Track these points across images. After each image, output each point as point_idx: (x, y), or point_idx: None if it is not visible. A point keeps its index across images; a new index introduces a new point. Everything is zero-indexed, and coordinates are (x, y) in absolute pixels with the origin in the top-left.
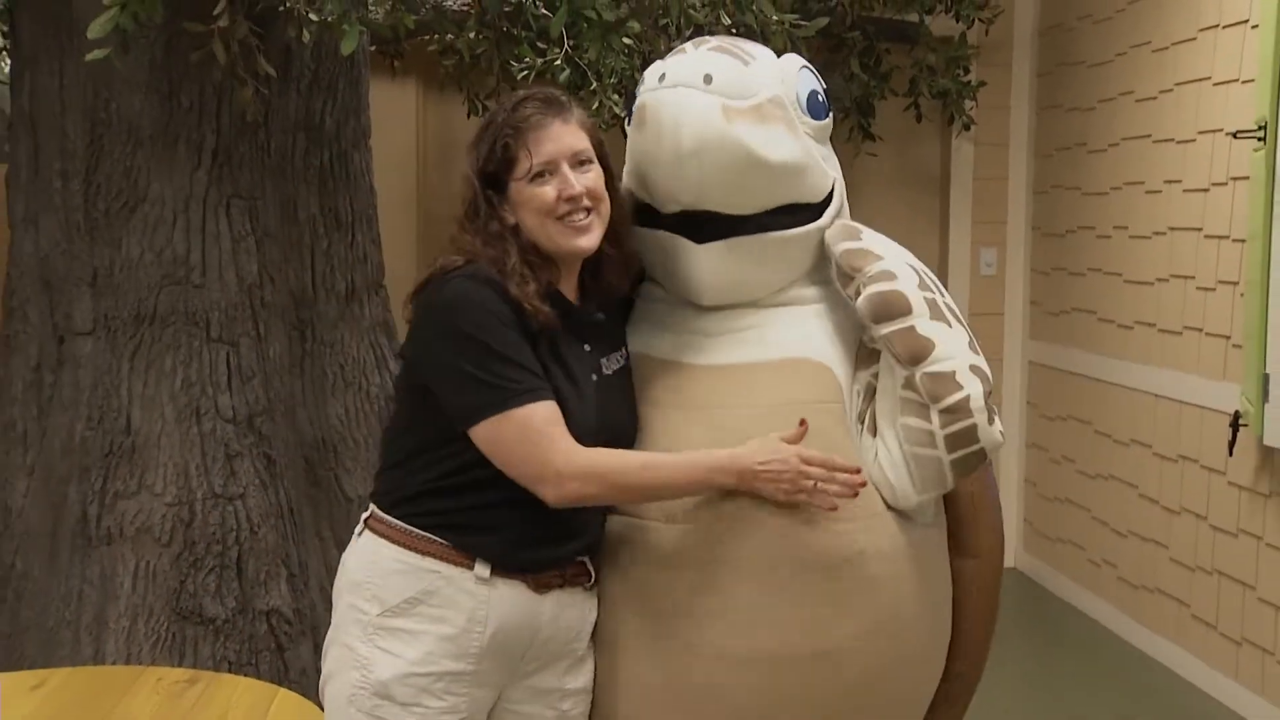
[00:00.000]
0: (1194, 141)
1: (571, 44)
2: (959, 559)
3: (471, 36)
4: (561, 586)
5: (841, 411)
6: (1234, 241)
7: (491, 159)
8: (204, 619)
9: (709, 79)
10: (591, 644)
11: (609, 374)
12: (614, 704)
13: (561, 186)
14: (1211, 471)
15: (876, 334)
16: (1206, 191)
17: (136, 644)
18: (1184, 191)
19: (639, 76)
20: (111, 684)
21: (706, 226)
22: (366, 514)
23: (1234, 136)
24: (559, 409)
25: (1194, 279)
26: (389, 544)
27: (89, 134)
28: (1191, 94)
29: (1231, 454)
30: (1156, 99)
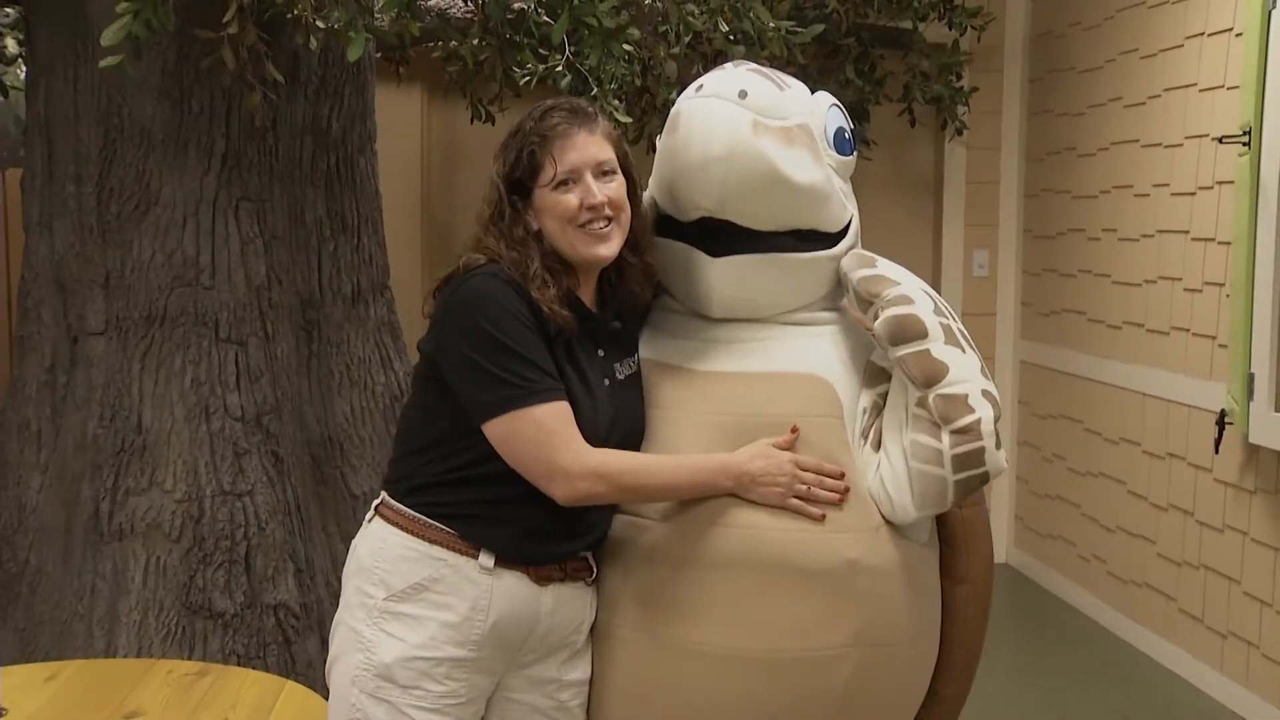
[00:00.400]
0: (1181, 146)
1: (573, 50)
2: (951, 584)
3: (475, 43)
4: (562, 580)
5: (840, 426)
6: (1220, 244)
7: (518, 165)
8: (213, 613)
9: (744, 94)
10: (590, 637)
11: (621, 379)
12: (606, 698)
13: (584, 195)
14: (1198, 469)
15: (892, 355)
16: (1193, 195)
17: (147, 637)
18: (1171, 195)
19: (639, 82)
20: (123, 676)
21: (723, 240)
22: (378, 501)
23: (1220, 141)
24: (572, 410)
25: (1181, 280)
26: (398, 531)
27: (102, 139)
28: (1179, 100)
29: (1218, 451)
30: (1145, 104)
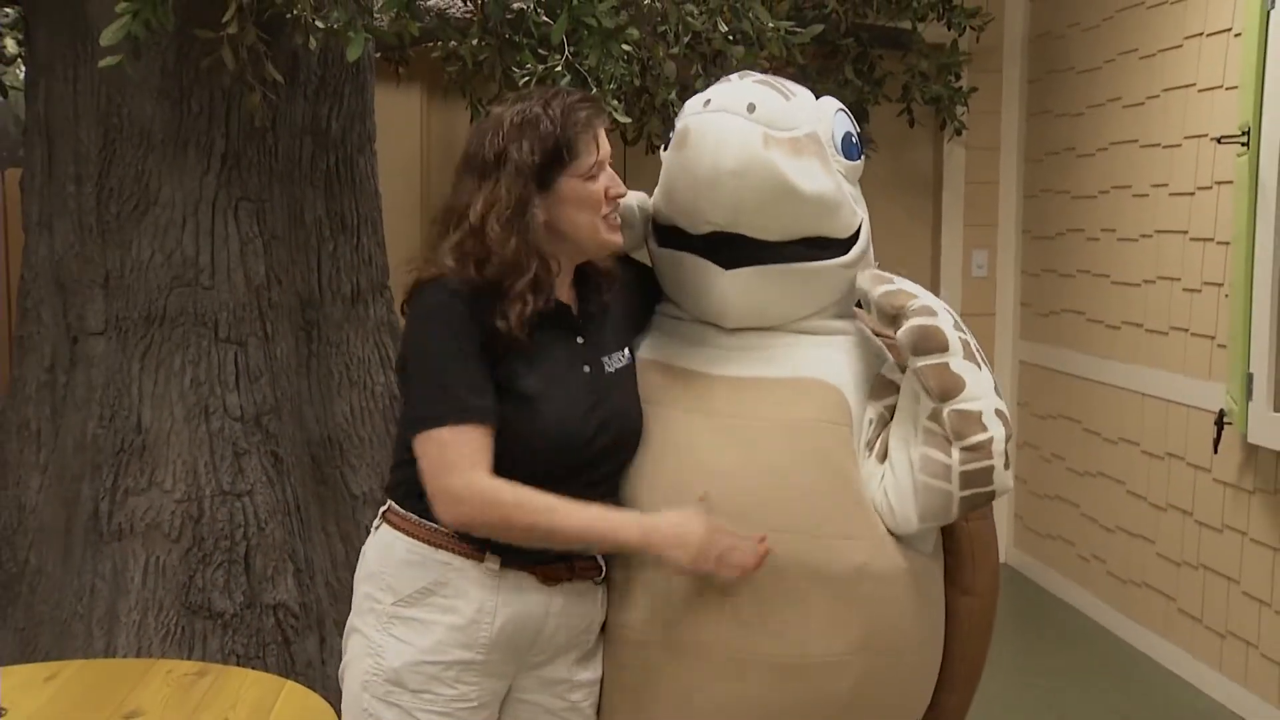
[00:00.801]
0: (1180, 146)
1: (572, 51)
2: (957, 595)
3: (474, 43)
4: (570, 580)
5: (848, 434)
6: (1219, 244)
7: (546, 153)
8: (213, 613)
9: (752, 108)
10: (601, 637)
11: (611, 371)
12: (613, 699)
13: (610, 184)
14: (1197, 469)
15: (913, 365)
16: (1192, 195)
17: (147, 637)
18: (1170, 195)
19: (638, 82)
20: (123, 676)
21: (734, 251)
22: (385, 507)
23: (1218, 141)
24: (488, 436)
25: (1180, 281)
26: (403, 536)
27: (102, 139)
28: (1178, 100)
29: (1216, 451)
30: (1144, 105)
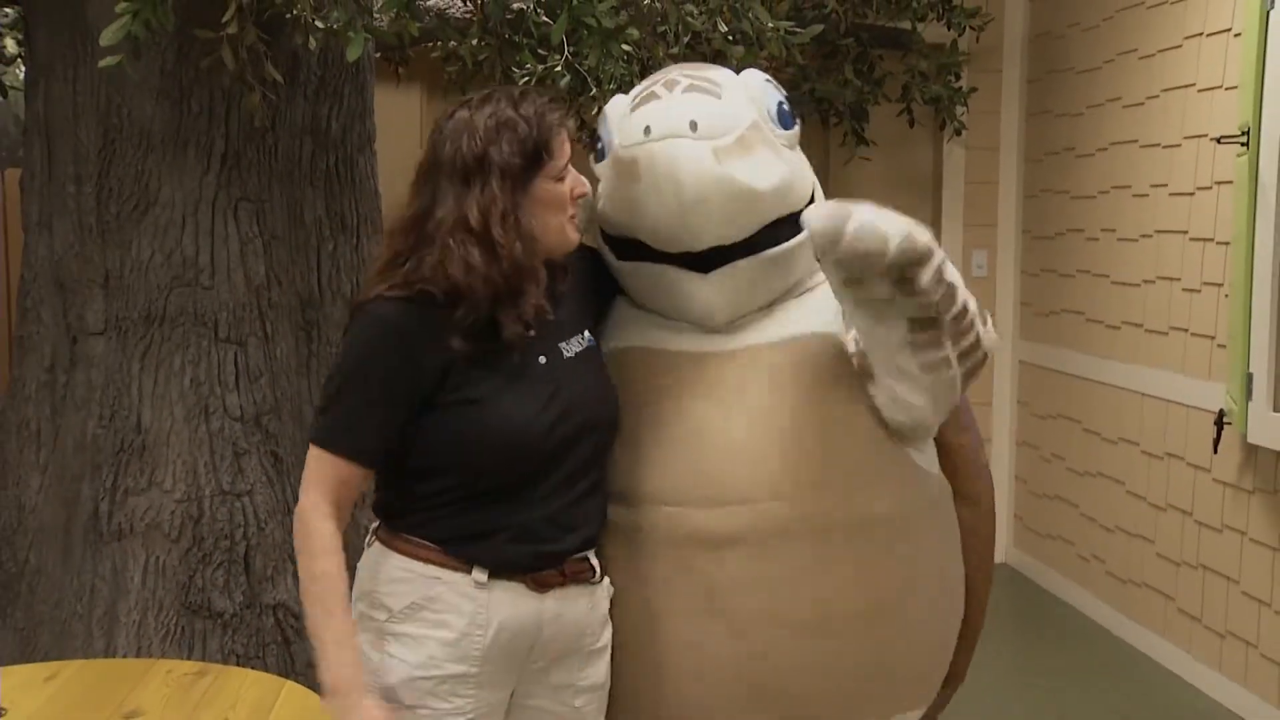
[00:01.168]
0: (1179, 146)
1: (572, 51)
2: (959, 507)
3: (474, 43)
4: (563, 585)
5: (849, 376)
6: (1218, 244)
7: (526, 155)
8: (212, 613)
9: (694, 125)
10: (607, 639)
11: (570, 356)
12: (661, 675)
13: (575, 185)
14: (1197, 469)
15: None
16: (1192, 195)
17: (147, 637)
18: (1170, 195)
19: (637, 83)
20: (122, 676)
21: (707, 255)
22: (374, 525)
23: (1218, 142)
24: (350, 471)
25: (1180, 281)
26: (392, 552)
27: (101, 139)
28: (1177, 100)
29: (1216, 451)
30: (1143, 105)
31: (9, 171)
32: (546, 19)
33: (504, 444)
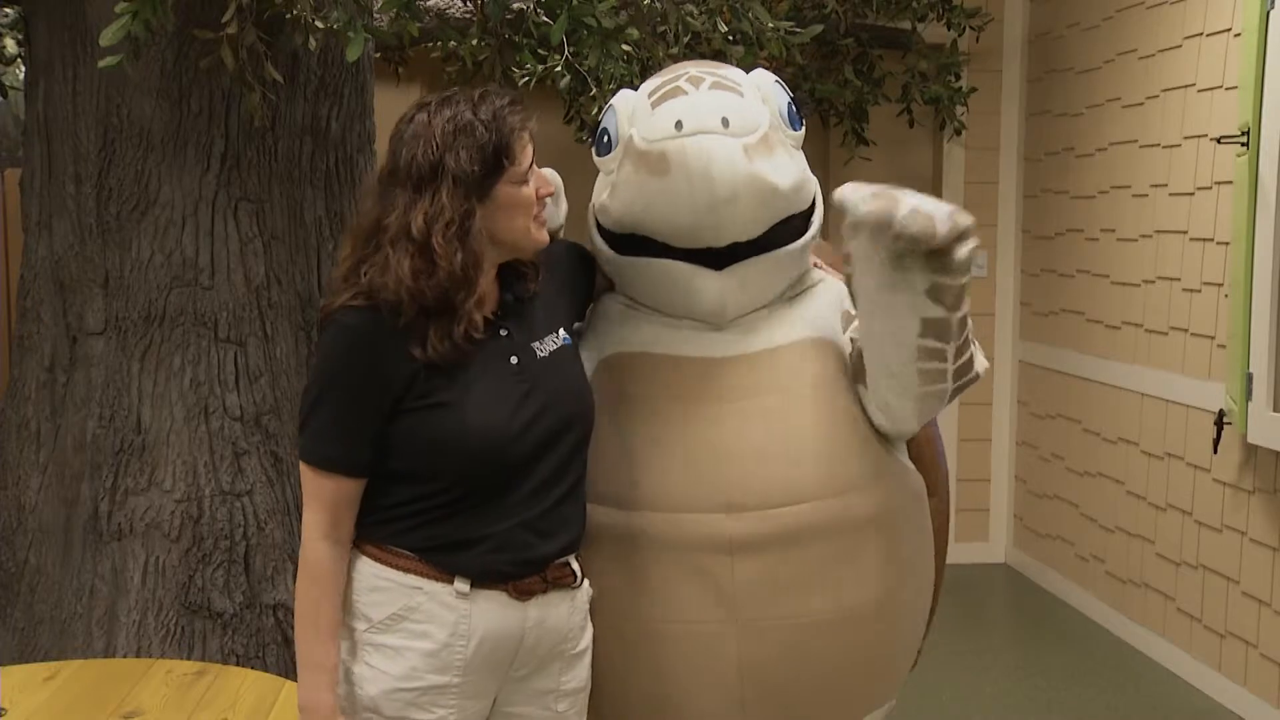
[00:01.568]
0: (1179, 147)
1: (571, 51)
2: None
3: (474, 43)
4: (545, 591)
5: (850, 381)
6: (1218, 244)
7: (485, 162)
8: (212, 613)
9: (726, 122)
10: (587, 642)
11: (544, 356)
12: (666, 679)
13: (540, 185)
14: (1196, 469)
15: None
16: (1191, 195)
17: (146, 637)
18: (1170, 195)
19: (637, 83)
20: (122, 676)
21: (720, 253)
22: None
23: (1218, 142)
24: (340, 484)
25: (1180, 281)
26: (372, 562)
27: (101, 139)
28: (1177, 100)
29: (1216, 451)
30: (1143, 105)
31: (9, 171)
32: (546, 19)
33: (476, 448)
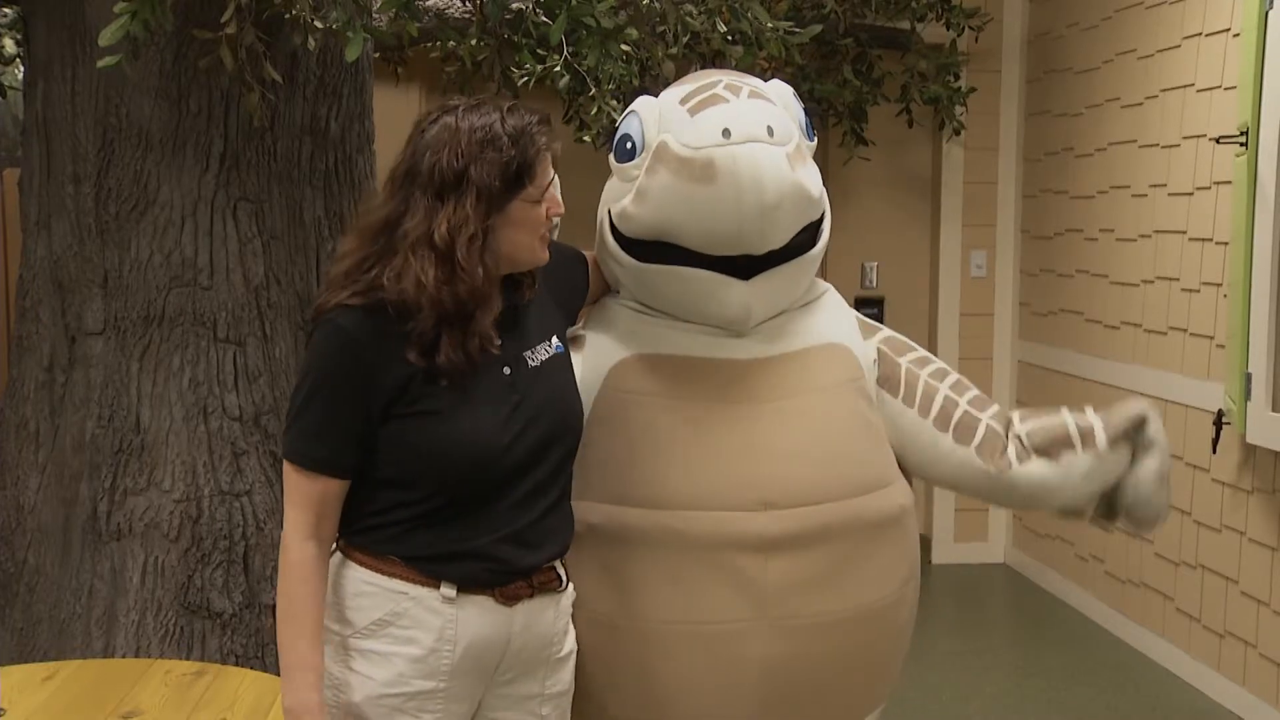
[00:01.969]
0: (1178, 147)
1: (571, 51)
2: None
3: (473, 44)
4: (531, 596)
5: (865, 385)
6: (1217, 244)
7: (508, 178)
8: (211, 613)
9: (771, 131)
10: (571, 645)
11: (535, 365)
12: (689, 678)
13: (551, 205)
14: (1196, 469)
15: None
16: (1190, 195)
17: (145, 637)
18: (1169, 195)
19: (636, 83)
20: (121, 676)
21: (745, 261)
22: (338, 536)
23: (1217, 142)
24: (324, 485)
25: (1178, 281)
26: (358, 567)
27: (100, 139)
28: (1176, 100)
29: (1215, 451)
30: (1142, 105)
31: (8, 172)
32: (545, 19)
33: (464, 457)
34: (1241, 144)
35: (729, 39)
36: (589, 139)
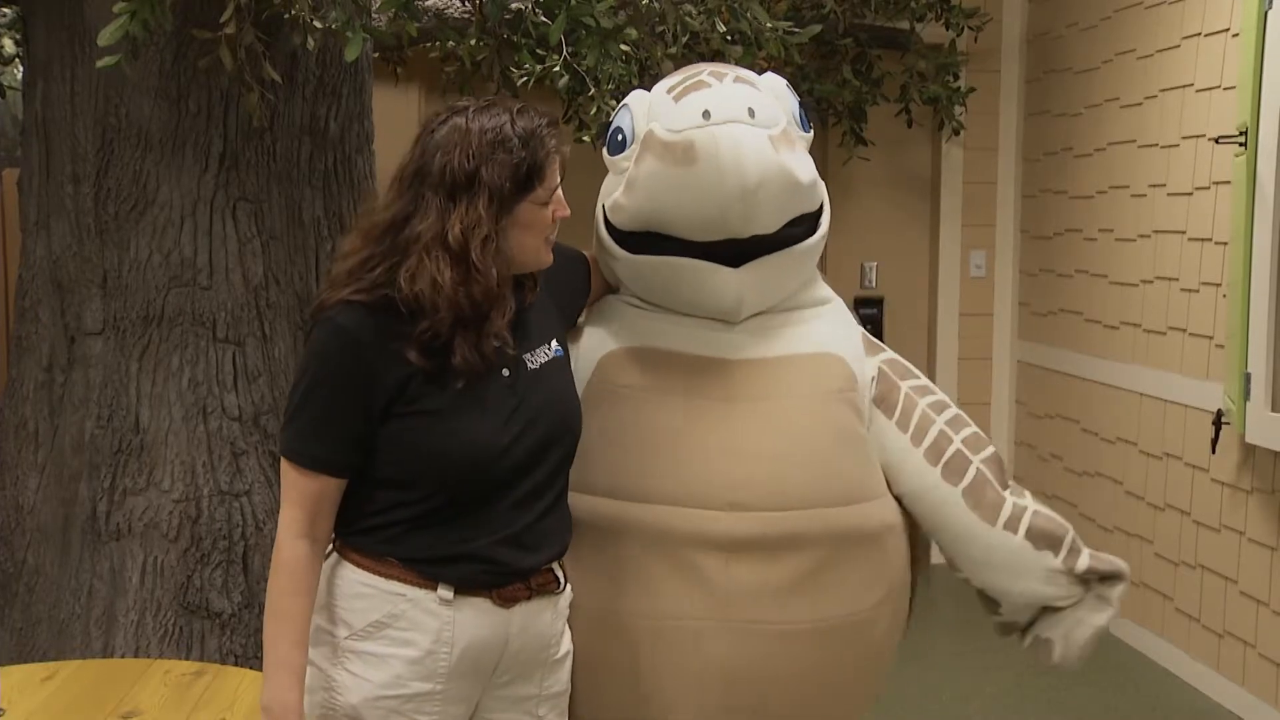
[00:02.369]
0: (1177, 147)
1: (570, 51)
2: None
3: (472, 44)
4: (529, 598)
5: (856, 399)
6: (1216, 244)
7: (518, 180)
8: (210, 613)
9: (753, 112)
10: (568, 646)
11: (534, 368)
12: (648, 678)
13: (557, 208)
14: (1195, 468)
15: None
16: (1190, 195)
17: (145, 637)
18: (1168, 195)
19: (636, 82)
20: (121, 676)
21: (738, 248)
22: (335, 537)
23: (1216, 142)
24: (322, 484)
25: (1178, 281)
26: (353, 567)
27: (99, 139)
28: (1175, 100)
29: (1214, 451)
30: (1141, 105)
31: (7, 172)
32: (545, 19)
33: (462, 459)
34: (1241, 144)
35: (728, 39)
36: (588, 139)
